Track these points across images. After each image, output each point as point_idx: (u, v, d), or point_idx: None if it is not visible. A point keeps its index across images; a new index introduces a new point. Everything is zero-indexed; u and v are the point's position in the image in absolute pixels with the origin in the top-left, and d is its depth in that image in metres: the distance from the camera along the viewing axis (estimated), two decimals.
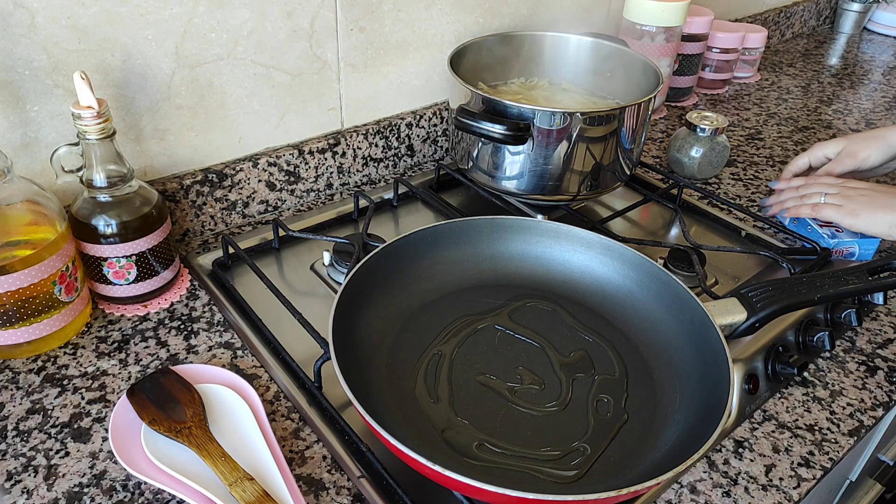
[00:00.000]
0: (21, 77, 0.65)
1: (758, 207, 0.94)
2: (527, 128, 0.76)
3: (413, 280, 0.69)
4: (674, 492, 0.57)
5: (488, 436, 0.56)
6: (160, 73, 0.73)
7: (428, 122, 0.98)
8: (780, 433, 0.63)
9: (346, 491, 0.54)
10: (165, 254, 0.70)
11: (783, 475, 0.59)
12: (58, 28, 0.64)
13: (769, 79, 1.42)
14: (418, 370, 0.62)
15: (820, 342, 0.69)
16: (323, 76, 0.85)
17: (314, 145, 0.87)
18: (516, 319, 0.68)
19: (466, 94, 0.80)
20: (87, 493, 0.53)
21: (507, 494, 0.45)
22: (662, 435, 0.57)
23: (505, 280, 0.72)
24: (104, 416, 0.59)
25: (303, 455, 0.57)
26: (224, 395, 0.59)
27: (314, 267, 0.80)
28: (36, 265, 0.59)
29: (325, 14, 0.81)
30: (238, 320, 0.70)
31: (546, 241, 0.73)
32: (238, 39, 0.76)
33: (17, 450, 0.56)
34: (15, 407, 0.60)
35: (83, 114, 0.60)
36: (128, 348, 0.66)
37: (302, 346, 0.66)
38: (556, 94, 0.96)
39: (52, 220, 0.62)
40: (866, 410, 0.65)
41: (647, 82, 0.89)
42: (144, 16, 0.69)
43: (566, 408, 0.59)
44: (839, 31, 1.73)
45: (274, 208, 0.88)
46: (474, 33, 0.98)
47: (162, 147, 0.77)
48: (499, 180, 0.84)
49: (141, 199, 0.67)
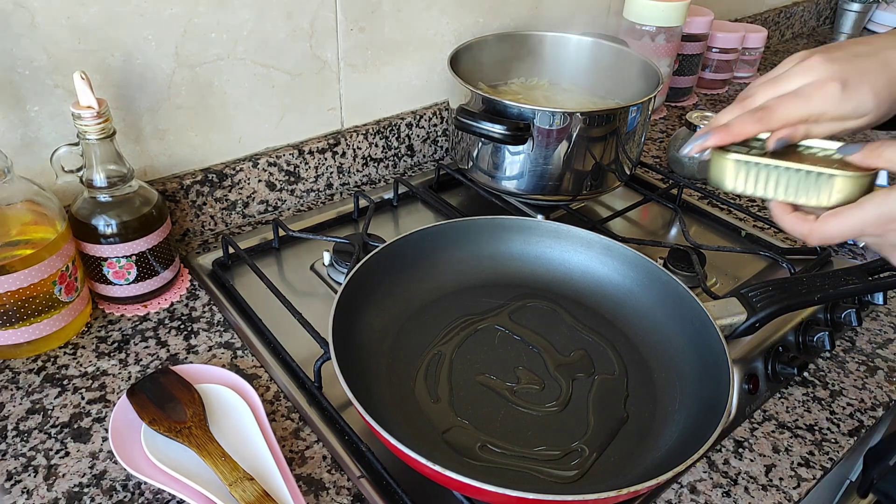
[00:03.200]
0: (21, 77, 0.65)
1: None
2: (527, 128, 0.76)
3: (413, 280, 0.69)
4: (674, 492, 0.57)
5: (488, 436, 0.56)
6: (160, 73, 0.73)
7: (428, 122, 0.98)
8: (780, 433, 0.63)
9: (346, 491, 0.54)
10: (165, 254, 0.70)
11: (783, 475, 0.59)
12: (58, 28, 0.64)
13: None
14: (418, 370, 0.62)
15: (820, 342, 0.69)
16: (323, 76, 0.85)
17: (314, 145, 0.87)
18: (516, 319, 0.68)
19: (466, 94, 0.80)
20: (87, 493, 0.53)
21: (507, 494, 0.45)
22: (662, 435, 0.57)
23: (505, 280, 0.72)
24: (104, 416, 0.59)
25: (303, 455, 0.57)
26: (224, 395, 0.59)
27: (314, 267, 0.80)
28: (36, 265, 0.59)
29: (325, 14, 0.81)
30: (238, 320, 0.70)
31: (546, 241, 0.73)
32: (238, 39, 0.76)
33: (17, 450, 0.56)
34: (15, 407, 0.60)
35: (83, 114, 0.60)
36: (128, 348, 0.66)
37: (302, 346, 0.66)
38: (556, 94, 0.96)
39: (52, 220, 0.62)
40: (866, 410, 0.65)
41: (647, 82, 0.89)
42: (144, 16, 0.69)
43: (566, 408, 0.59)
44: (839, 31, 1.73)
45: (274, 208, 0.88)
46: (474, 33, 0.97)
47: (162, 147, 0.77)
48: (499, 180, 0.84)
49: (141, 199, 0.67)
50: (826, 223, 0.47)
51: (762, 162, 0.48)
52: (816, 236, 0.47)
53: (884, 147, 0.45)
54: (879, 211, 0.44)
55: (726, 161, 0.49)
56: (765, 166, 0.48)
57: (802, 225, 0.48)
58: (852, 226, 0.46)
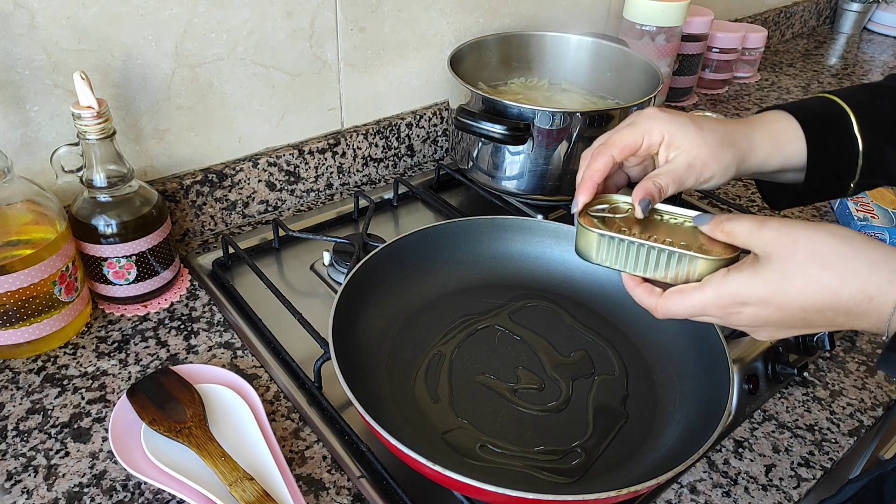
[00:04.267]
0: (21, 77, 0.65)
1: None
2: (527, 128, 0.76)
3: (413, 280, 0.69)
4: (674, 492, 0.57)
5: (488, 436, 0.56)
6: (160, 73, 0.73)
7: (428, 122, 0.98)
8: (780, 433, 0.63)
9: (346, 491, 0.54)
10: (165, 254, 0.70)
11: (783, 475, 0.59)
12: (58, 28, 0.64)
13: (769, 79, 1.42)
14: (418, 370, 0.62)
15: (820, 342, 0.69)
16: (323, 76, 0.85)
17: (314, 145, 0.87)
18: (516, 319, 0.68)
19: (466, 94, 0.80)
20: (87, 493, 0.53)
21: (507, 494, 0.45)
22: (662, 435, 0.57)
23: (505, 280, 0.72)
24: (104, 416, 0.59)
25: (303, 455, 0.57)
26: (224, 395, 0.59)
27: (314, 267, 0.80)
28: (36, 265, 0.59)
29: (325, 14, 0.81)
30: (238, 320, 0.70)
31: (546, 241, 0.73)
32: (238, 39, 0.76)
33: (17, 450, 0.56)
34: (15, 407, 0.60)
35: (83, 114, 0.60)
36: (128, 348, 0.66)
37: (302, 346, 0.66)
38: (556, 94, 0.96)
39: (52, 220, 0.62)
40: (866, 410, 0.65)
41: (647, 82, 0.89)
42: (144, 16, 0.69)
43: (566, 408, 0.59)
44: (839, 31, 1.73)
45: (274, 208, 0.88)
46: (474, 33, 0.97)
47: (162, 147, 0.77)
48: (499, 180, 0.84)
49: (141, 199, 0.67)
50: (670, 300, 0.47)
51: (626, 238, 0.48)
52: (661, 312, 0.48)
53: (727, 221, 0.46)
54: (717, 293, 0.44)
55: (591, 234, 0.49)
56: (630, 242, 0.48)
57: (649, 298, 0.48)
58: (692, 306, 0.46)
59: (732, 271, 0.44)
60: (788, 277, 0.41)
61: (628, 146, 0.50)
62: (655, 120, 0.50)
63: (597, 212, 0.51)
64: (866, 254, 0.40)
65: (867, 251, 0.40)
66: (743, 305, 0.43)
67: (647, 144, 0.50)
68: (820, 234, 0.41)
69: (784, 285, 0.41)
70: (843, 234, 0.41)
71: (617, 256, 0.49)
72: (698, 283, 0.46)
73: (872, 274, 0.39)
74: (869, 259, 0.39)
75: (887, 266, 0.39)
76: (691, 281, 0.46)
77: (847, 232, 0.41)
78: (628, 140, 0.50)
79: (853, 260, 0.40)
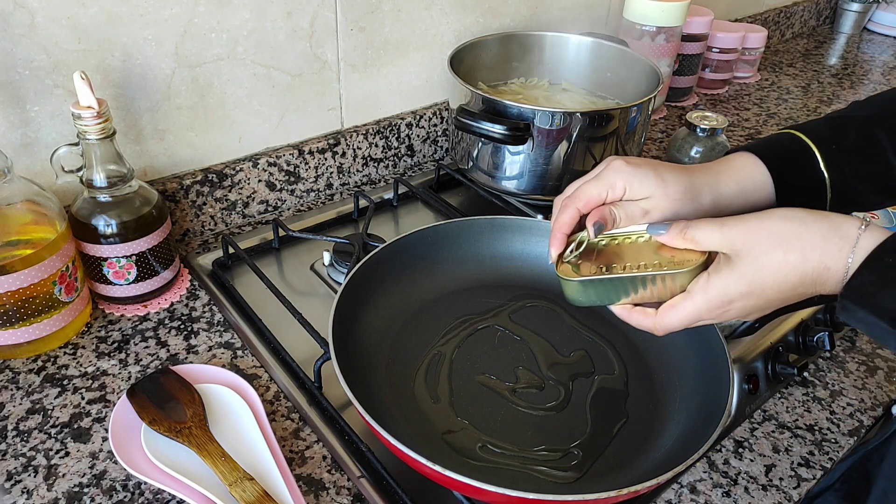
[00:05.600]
0: (21, 77, 0.65)
1: None
2: (527, 128, 0.76)
3: (413, 280, 0.69)
4: (674, 492, 0.57)
5: (488, 436, 0.56)
6: (160, 73, 0.73)
7: (428, 122, 0.98)
8: (780, 433, 0.63)
9: (346, 491, 0.54)
10: (165, 254, 0.70)
11: (783, 475, 0.59)
12: (58, 28, 0.64)
13: (769, 79, 1.42)
14: (418, 370, 0.62)
15: (820, 342, 0.69)
16: (323, 76, 0.85)
17: (314, 145, 0.87)
18: (516, 319, 0.68)
19: (466, 94, 0.80)
20: (87, 493, 0.53)
21: (507, 494, 0.45)
22: (662, 435, 0.57)
23: (505, 280, 0.72)
24: (104, 416, 0.59)
25: (303, 455, 0.57)
26: (224, 395, 0.59)
27: (314, 267, 0.80)
28: (36, 265, 0.59)
29: (325, 14, 0.81)
30: (238, 320, 0.70)
31: (546, 241, 0.72)
32: (238, 39, 0.76)
33: (17, 450, 0.56)
34: (15, 407, 0.60)
35: (83, 114, 0.60)
36: (128, 348, 0.66)
37: (302, 346, 0.66)
38: (556, 94, 0.96)
39: (52, 220, 0.62)
40: (866, 410, 0.65)
41: (647, 82, 0.89)
42: (144, 16, 0.69)
43: (566, 408, 0.59)
44: (839, 31, 1.73)
45: (274, 208, 0.88)
46: (474, 33, 0.98)
47: (162, 147, 0.77)
48: (499, 180, 0.84)
49: (141, 199, 0.67)
50: (665, 317, 0.49)
51: (605, 277, 0.50)
52: (660, 329, 0.50)
53: (687, 229, 0.48)
54: (706, 299, 0.47)
55: (573, 284, 0.51)
56: (609, 280, 0.50)
57: (646, 320, 0.50)
58: (687, 316, 0.48)
59: (713, 275, 0.47)
60: (761, 267, 0.45)
61: (592, 199, 0.53)
62: (619, 173, 0.52)
63: (571, 255, 0.53)
64: (817, 229, 0.44)
65: (816, 226, 0.44)
66: (731, 303, 0.47)
67: (610, 198, 0.53)
68: (774, 221, 0.45)
69: (760, 275, 0.45)
70: (793, 215, 0.45)
71: (604, 294, 0.51)
72: (686, 293, 0.48)
73: (826, 245, 0.44)
74: (820, 232, 0.44)
75: (836, 235, 0.43)
76: (677, 293, 0.49)
77: (796, 213, 0.45)
78: (592, 193, 0.53)
79: (807, 236, 0.44)
